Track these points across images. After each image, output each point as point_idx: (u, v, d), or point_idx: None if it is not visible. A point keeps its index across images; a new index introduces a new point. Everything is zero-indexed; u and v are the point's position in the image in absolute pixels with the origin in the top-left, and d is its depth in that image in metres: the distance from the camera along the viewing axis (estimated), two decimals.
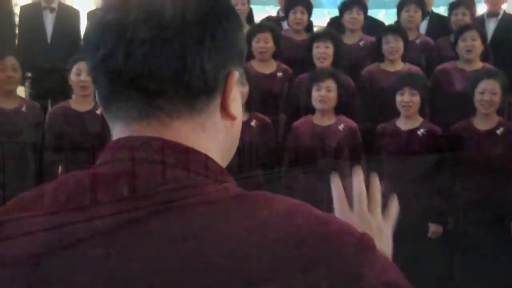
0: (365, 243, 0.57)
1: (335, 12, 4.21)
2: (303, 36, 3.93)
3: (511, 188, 3.21)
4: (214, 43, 0.61)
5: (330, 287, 0.53)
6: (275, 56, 3.66)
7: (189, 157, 0.60)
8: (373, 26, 4.09)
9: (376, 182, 0.83)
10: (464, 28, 3.57)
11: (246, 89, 2.94)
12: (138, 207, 0.55)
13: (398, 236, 0.88)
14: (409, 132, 3.23)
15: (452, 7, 3.96)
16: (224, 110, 0.64)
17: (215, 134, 0.64)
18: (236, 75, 0.64)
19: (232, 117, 0.65)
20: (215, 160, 0.62)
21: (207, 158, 0.61)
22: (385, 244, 0.77)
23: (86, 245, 0.54)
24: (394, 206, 0.84)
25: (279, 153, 3.50)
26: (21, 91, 3.88)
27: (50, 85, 3.61)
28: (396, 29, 3.73)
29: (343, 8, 3.94)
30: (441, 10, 4.84)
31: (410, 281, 0.62)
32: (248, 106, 3.13)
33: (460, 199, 3.33)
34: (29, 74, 3.76)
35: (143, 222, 0.54)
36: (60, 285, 0.53)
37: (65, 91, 3.45)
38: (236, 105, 0.66)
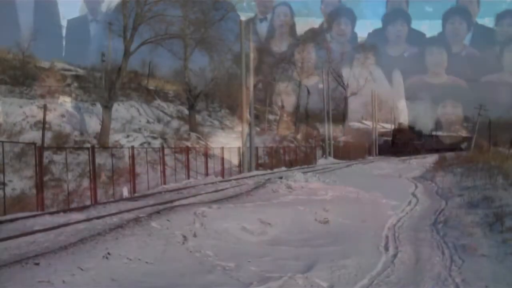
0: None
1: (378, 23, 4.20)
2: (347, 47, 3.93)
3: None
4: None
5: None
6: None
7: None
8: (416, 38, 4.06)
9: None
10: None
11: (293, 100, 2.96)
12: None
13: None
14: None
15: (499, 18, 3.91)
16: None
17: None
18: None
19: None
20: None
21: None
22: None
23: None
24: None
25: None
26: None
27: None
28: (440, 41, 3.69)
29: (386, 20, 3.92)
30: (486, 21, 4.77)
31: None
32: (296, 117, 3.14)
33: None
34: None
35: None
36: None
37: None
38: None
